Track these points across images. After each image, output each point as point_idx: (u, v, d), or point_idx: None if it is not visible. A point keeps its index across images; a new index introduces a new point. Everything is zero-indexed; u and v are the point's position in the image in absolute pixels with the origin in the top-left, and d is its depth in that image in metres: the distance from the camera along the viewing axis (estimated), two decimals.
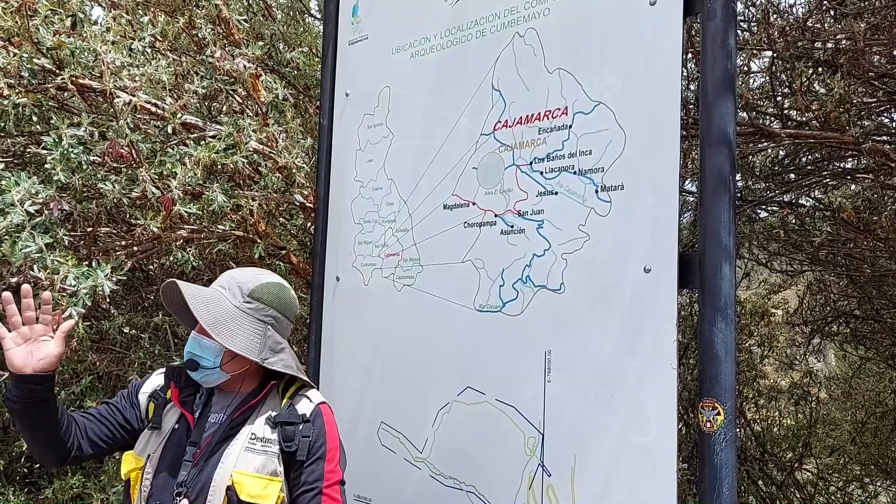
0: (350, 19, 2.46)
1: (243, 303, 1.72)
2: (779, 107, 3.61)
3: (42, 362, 1.62)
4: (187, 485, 1.63)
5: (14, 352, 1.61)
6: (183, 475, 1.64)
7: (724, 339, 1.49)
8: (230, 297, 1.72)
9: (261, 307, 1.74)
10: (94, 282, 2.25)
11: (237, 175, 2.82)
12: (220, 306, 1.70)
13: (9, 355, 1.60)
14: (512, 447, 1.82)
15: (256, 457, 1.65)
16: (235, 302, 1.71)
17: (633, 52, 1.68)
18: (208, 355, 1.70)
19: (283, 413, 1.72)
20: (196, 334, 1.72)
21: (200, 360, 1.70)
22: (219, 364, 1.71)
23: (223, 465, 1.63)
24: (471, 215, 1.99)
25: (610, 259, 1.68)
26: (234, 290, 1.73)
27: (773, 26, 3.18)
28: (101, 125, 2.52)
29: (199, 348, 1.71)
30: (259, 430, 1.69)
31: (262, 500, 1.61)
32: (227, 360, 1.72)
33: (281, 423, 1.70)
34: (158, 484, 1.66)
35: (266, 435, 1.68)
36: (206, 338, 1.70)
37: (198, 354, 1.71)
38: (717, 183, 1.53)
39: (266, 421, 1.71)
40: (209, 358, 1.70)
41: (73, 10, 2.47)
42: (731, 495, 1.47)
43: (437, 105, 2.12)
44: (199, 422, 1.73)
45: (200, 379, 1.73)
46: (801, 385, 5.60)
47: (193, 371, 1.72)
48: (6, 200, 2.20)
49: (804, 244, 4.26)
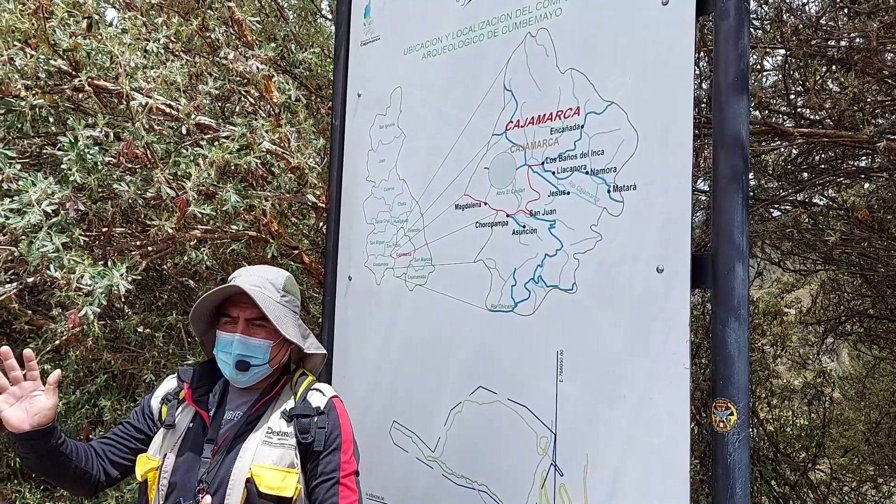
0: (362, 20, 2.47)
1: (281, 297, 1.82)
2: (792, 105, 3.59)
3: (38, 417, 1.63)
4: (207, 480, 1.66)
5: (9, 412, 1.62)
6: (202, 472, 1.67)
7: (737, 339, 1.49)
8: (270, 294, 1.80)
9: (292, 299, 1.87)
10: (110, 281, 2.27)
11: (250, 175, 2.83)
12: (271, 302, 1.78)
13: (4, 416, 1.61)
14: (524, 447, 1.82)
15: (274, 450, 1.69)
16: (276, 297, 1.81)
17: (645, 51, 1.68)
18: (258, 354, 1.76)
19: (297, 406, 1.76)
20: (241, 336, 1.76)
21: (251, 359, 1.76)
22: (268, 360, 1.78)
23: (241, 459, 1.67)
24: (482, 215, 2.00)
25: (622, 259, 1.68)
26: (269, 287, 1.81)
27: (787, 24, 3.16)
28: (116, 126, 2.54)
29: (249, 348, 1.76)
30: (275, 424, 1.73)
31: (280, 492, 1.64)
32: (274, 355, 1.79)
33: (296, 416, 1.74)
34: (177, 482, 1.69)
35: (282, 428, 1.73)
36: (254, 337, 1.76)
37: (248, 355, 1.75)
38: (730, 182, 1.53)
39: (281, 415, 1.75)
40: (259, 356, 1.76)
41: (89, 11, 2.48)
42: (745, 495, 1.46)
43: (448, 105, 2.12)
44: (214, 419, 1.75)
45: (247, 380, 1.78)
46: (815, 385, 5.56)
47: (244, 372, 1.76)
48: (23, 200, 2.22)
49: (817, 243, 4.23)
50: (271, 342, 1.77)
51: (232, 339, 1.76)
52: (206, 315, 1.84)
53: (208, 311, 1.84)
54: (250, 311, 1.77)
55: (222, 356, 1.78)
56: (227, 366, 1.77)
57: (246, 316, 1.78)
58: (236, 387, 1.81)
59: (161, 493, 1.70)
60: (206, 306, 1.81)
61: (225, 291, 1.79)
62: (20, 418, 1.62)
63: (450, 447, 2.02)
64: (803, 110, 3.56)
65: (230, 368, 1.76)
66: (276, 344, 1.79)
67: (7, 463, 3.33)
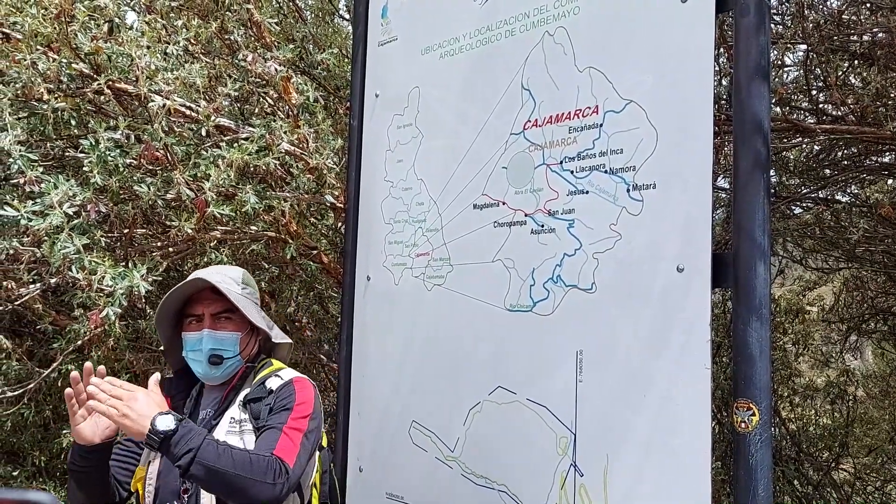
0: (380, 21, 2.47)
1: (242, 289, 1.88)
2: (814, 101, 3.55)
3: (107, 431, 1.72)
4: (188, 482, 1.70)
5: (83, 426, 1.70)
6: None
7: (759, 339, 1.48)
8: (232, 287, 1.84)
9: (252, 291, 1.93)
10: (131, 282, 2.30)
11: (269, 176, 2.85)
12: (235, 294, 1.82)
13: (78, 429, 1.70)
14: (544, 447, 1.82)
15: (235, 438, 1.72)
16: (238, 290, 1.85)
17: (664, 49, 1.67)
18: (229, 346, 1.81)
19: (252, 391, 1.79)
20: (210, 330, 1.80)
21: (223, 352, 1.80)
22: (239, 351, 1.83)
23: None
24: (501, 215, 1.99)
25: (642, 258, 1.67)
26: (229, 281, 1.86)
27: (808, 20, 3.12)
28: (136, 128, 2.57)
29: (219, 342, 1.80)
30: (236, 413, 1.77)
31: None
32: (244, 346, 1.84)
33: (250, 401, 1.77)
34: (161, 487, 1.74)
35: (242, 416, 1.76)
36: (222, 330, 1.81)
37: (219, 349, 1.80)
38: (750, 180, 1.52)
39: (240, 403, 1.79)
40: (230, 349, 1.81)
41: (110, 15, 2.51)
42: (767, 496, 1.45)
43: (466, 105, 2.12)
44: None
45: (221, 374, 1.81)
46: (838, 383, 5.50)
47: (217, 366, 1.80)
48: (46, 203, 2.25)
49: (840, 241, 4.18)
50: (239, 333, 1.83)
51: (201, 336, 1.80)
52: (169, 321, 1.88)
53: (170, 316, 1.87)
54: (215, 306, 1.82)
55: (192, 356, 1.82)
56: (199, 364, 1.80)
57: (211, 311, 1.82)
58: (209, 385, 1.86)
59: (148, 500, 1.75)
60: (170, 307, 1.85)
61: (186, 290, 1.82)
62: (92, 431, 1.70)
63: (469, 447, 2.02)
64: (825, 106, 3.52)
65: (203, 365, 1.79)
66: (245, 335, 1.84)
67: (32, 461, 3.38)
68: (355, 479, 2.34)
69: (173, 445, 1.56)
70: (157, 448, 1.58)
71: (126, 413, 1.59)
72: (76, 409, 1.70)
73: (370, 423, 2.34)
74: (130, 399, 1.61)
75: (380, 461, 2.28)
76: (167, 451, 1.57)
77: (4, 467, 3.36)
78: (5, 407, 3.06)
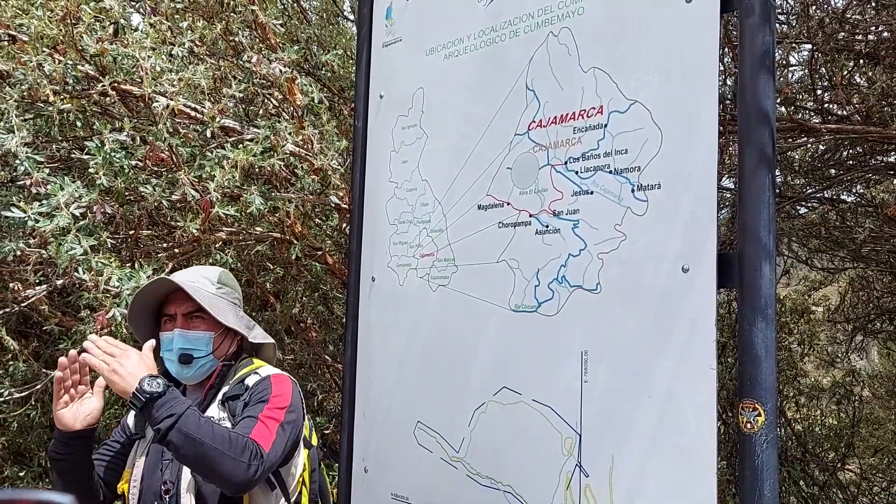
0: (384, 22, 2.47)
1: (217, 289, 1.88)
2: (819, 101, 3.54)
3: (90, 417, 1.74)
4: (171, 480, 1.70)
5: (64, 412, 1.72)
6: (166, 474, 1.71)
7: (765, 340, 1.47)
8: (204, 287, 1.85)
9: (230, 291, 1.92)
10: (137, 283, 2.30)
11: (274, 177, 2.85)
12: (205, 293, 1.82)
13: (60, 414, 1.72)
14: (549, 447, 1.82)
15: None
16: (211, 290, 1.86)
17: (669, 49, 1.67)
18: (200, 346, 1.81)
19: (230, 389, 1.80)
20: (181, 330, 1.81)
21: (194, 352, 1.80)
22: (211, 351, 1.82)
23: None
24: (505, 215, 1.99)
25: (647, 259, 1.67)
26: (202, 281, 1.87)
27: (813, 19, 3.12)
28: (142, 130, 2.57)
29: (189, 341, 1.80)
30: (215, 411, 1.77)
31: None
32: (217, 346, 1.84)
33: (227, 399, 1.77)
34: (145, 488, 1.74)
35: (221, 414, 1.76)
36: (192, 330, 1.81)
37: (189, 348, 1.80)
38: (755, 180, 1.51)
39: (219, 402, 1.79)
40: (201, 348, 1.81)
41: (116, 17, 2.52)
42: (773, 497, 1.45)
43: (470, 106, 2.12)
44: None
45: (193, 373, 1.81)
46: (844, 383, 5.49)
47: (188, 365, 1.80)
48: (52, 204, 2.26)
49: (846, 241, 4.17)
50: (212, 333, 1.83)
51: (172, 336, 1.81)
52: (148, 322, 1.89)
53: (149, 316, 1.88)
54: (186, 306, 1.82)
55: (166, 355, 1.83)
56: (171, 363, 1.81)
57: (182, 311, 1.83)
58: (191, 386, 1.86)
59: (132, 502, 1.76)
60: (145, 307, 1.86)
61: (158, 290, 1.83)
62: (73, 417, 1.72)
63: (474, 447, 2.02)
64: (830, 106, 3.52)
65: (175, 365, 1.80)
66: (219, 335, 1.84)
67: (38, 462, 3.39)
68: (360, 479, 2.35)
69: (156, 408, 1.56)
70: (140, 409, 1.57)
71: (116, 369, 1.60)
72: (62, 395, 1.71)
73: (375, 423, 2.34)
74: (123, 356, 1.62)
75: (385, 462, 2.28)
76: (149, 413, 1.56)
77: (11, 468, 3.37)
78: (12, 408, 3.07)
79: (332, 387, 4.10)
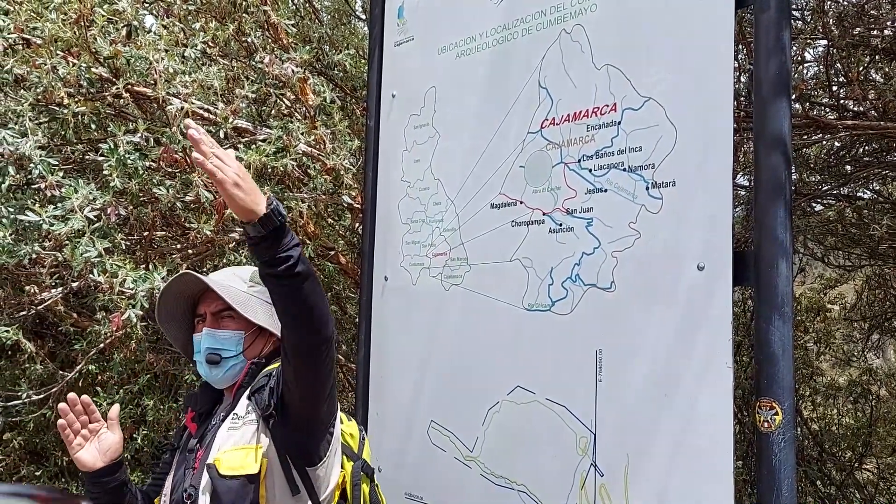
0: (396, 21, 2.47)
1: (248, 287, 1.76)
2: (834, 97, 3.51)
3: (110, 452, 1.69)
4: (194, 485, 1.61)
5: (82, 454, 1.67)
6: (187, 481, 1.63)
7: (781, 338, 1.46)
8: (235, 285, 1.75)
9: (263, 290, 1.72)
10: (151, 284, 2.31)
11: (287, 177, 2.86)
12: (236, 291, 1.73)
13: (78, 458, 1.66)
14: (563, 447, 1.81)
15: (236, 433, 1.62)
16: (242, 288, 1.75)
17: (683, 46, 1.65)
18: (229, 345, 1.71)
19: (256, 382, 1.69)
20: (209, 329, 1.72)
21: (222, 352, 1.70)
22: (241, 350, 1.72)
23: (211, 453, 1.62)
24: (518, 214, 1.99)
25: (662, 257, 1.65)
26: (235, 280, 1.77)
27: (828, 14, 3.09)
28: (155, 131, 2.58)
29: (218, 340, 1.71)
30: (241, 409, 1.66)
31: (242, 471, 1.57)
32: (248, 345, 1.73)
33: (253, 393, 1.67)
34: (174, 500, 1.66)
35: (246, 410, 1.65)
36: (221, 329, 1.72)
37: (217, 347, 1.70)
38: (771, 177, 1.50)
39: (245, 397, 1.68)
40: (231, 348, 1.71)
41: (129, 19, 2.53)
42: (791, 497, 1.43)
43: (483, 104, 2.12)
44: (199, 428, 1.73)
45: (223, 375, 1.71)
46: (860, 382, 5.43)
47: (216, 366, 1.70)
48: (67, 207, 2.27)
49: (862, 238, 4.13)
50: (242, 332, 1.72)
51: (200, 337, 1.73)
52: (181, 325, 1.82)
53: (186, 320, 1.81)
54: (216, 304, 1.73)
55: (197, 358, 1.74)
56: (201, 365, 1.72)
57: (212, 310, 1.73)
58: (226, 391, 1.76)
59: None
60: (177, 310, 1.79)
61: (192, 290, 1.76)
62: (94, 457, 1.67)
63: (488, 447, 2.01)
64: (846, 102, 3.48)
65: (203, 366, 1.71)
66: (250, 334, 1.73)
67: (55, 462, 3.42)
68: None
69: (287, 233, 1.43)
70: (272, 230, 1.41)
71: (238, 182, 1.38)
72: (71, 439, 1.66)
73: (389, 423, 2.34)
74: (239, 167, 1.40)
75: (399, 461, 2.28)
76: (281, 236, 1.42)
77: (28, 467, 3.40)
78: (28, 408, 3.09)
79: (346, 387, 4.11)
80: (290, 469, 1.62)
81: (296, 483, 1.62)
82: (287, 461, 1.62)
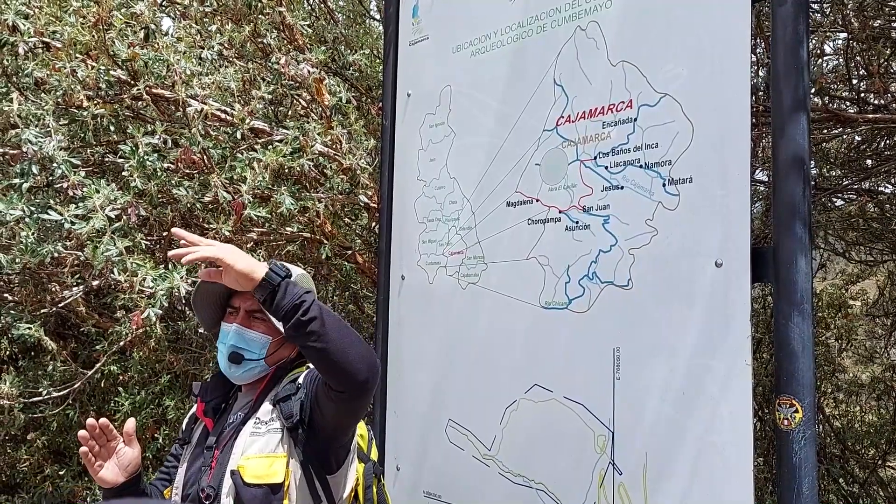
0: (410, 20, 2.47)
1: None
2: (854, 90, 3.47)
3: (131, 467, 1.69)
4: (213, 485, 1.62)
5: (104, 473, 1.67)
6: (205, 480, 1.64)
7: (801, 334, 1.45)
8: None
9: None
10: (171, 284, 2.33)
11: (303, 178, 2.87)
12: None
13: (100, 477, 1.67)
14: (581, 445, 1.81)
15: (259, 439, 1.62)
16: None
17: (699, 41, 1.64)
18: (254, 347, 1.71)
19: (282, 389, 1.69)
20: (238, 326, 1.72)
21: (245, 352, 1.71)
22: (264, 356, 1.73)
23: (233, 456, 1.62)
24: (534, 212, 1.98)
25: (679, 254, 1.64)
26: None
27: (848, 6, 3.05)
28: (174, 133, 2.61)
29: (244, 340, 1.71)
30: (264, 414, 1.66)
31: (268, 479, 1.58)
32: (273, 352, 1.74)
33: (279, 400, 1.67)
34: (188, 494, 1.67)
35: (270, 415, 1.66)
36: (252, 330, 1.72)
37: (242, 347, 1.71)
38: (790, 173, 1.49)
39: (270, 402, 1.69)
40: (254, 350, 1.72)
41: (146, 22, 2.55)
42: (812, 495, 1.42)
43: (498, 102, 2.12)
44: (217, 425, 1.73)
45: (241, 374, 1.72)
46: (883, 379, 5.36)
47: (236, 364, 1.71)
48: (88, 206, 2.29)
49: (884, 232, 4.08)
50: (269, 338, 1.73)
51: (229, 330, 1.73)
52: (217, 309, 1.81)
53: (218, 304, 1.81)
54: (251, 303, 1.72)
55: (220, 347, 1.75)
56: (222, 357, 1.73)
57: (247, 307, 1.73)
58: (244, 389, 1.77)
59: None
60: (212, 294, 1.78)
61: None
62: (115, 474, 1.67)
63: (506, 445, 2.01)
64: (867, 95, 3.44)
65: (224, 360, 1.72)
66: (276, 341, 1.73)
67: (77, 461, 3.46)
68: (392, 477, 2.35)
69: (294, 284, 1.47)
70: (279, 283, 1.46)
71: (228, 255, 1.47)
72: (93, 461, 1.67)
73: (406, 421, 2.34)
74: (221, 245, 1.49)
75: (417, 460, 2.28)
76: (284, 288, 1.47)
77: (51, 466, 3.44)
78: (51, 407, 3.13)
79: None
80: (313, 478, 1.63)
81: (318, 492, 1.63)
82: (310, 471, 1.63)
